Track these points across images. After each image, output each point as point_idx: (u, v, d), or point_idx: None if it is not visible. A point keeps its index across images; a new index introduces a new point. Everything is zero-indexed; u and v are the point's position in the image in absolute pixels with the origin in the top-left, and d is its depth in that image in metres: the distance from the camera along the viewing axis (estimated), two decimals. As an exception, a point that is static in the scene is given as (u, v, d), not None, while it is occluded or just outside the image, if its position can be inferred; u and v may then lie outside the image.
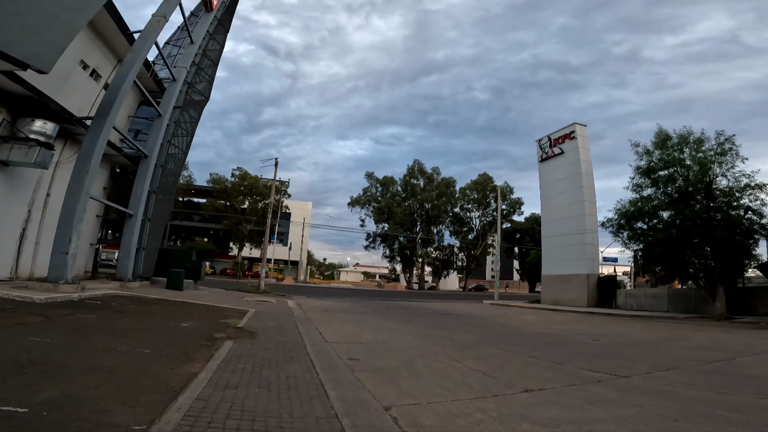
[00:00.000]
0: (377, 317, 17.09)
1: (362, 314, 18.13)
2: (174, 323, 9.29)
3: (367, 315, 17.87)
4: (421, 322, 15.98)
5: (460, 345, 10.24)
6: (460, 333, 12.79)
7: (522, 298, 42.64)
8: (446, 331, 13.22)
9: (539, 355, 8.88)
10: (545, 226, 32.60)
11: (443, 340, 11.03)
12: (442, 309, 24.63)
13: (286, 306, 18.52)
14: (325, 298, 29.53)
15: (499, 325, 16.11)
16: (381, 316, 17.93)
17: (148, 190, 18.56)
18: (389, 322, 15.18)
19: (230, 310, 13.49)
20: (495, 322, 17.08)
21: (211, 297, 17.42)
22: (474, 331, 13.60)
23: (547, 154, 32.97)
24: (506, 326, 15.55)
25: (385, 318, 16.87)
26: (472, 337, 11.83)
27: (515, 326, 15.57)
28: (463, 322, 17.00)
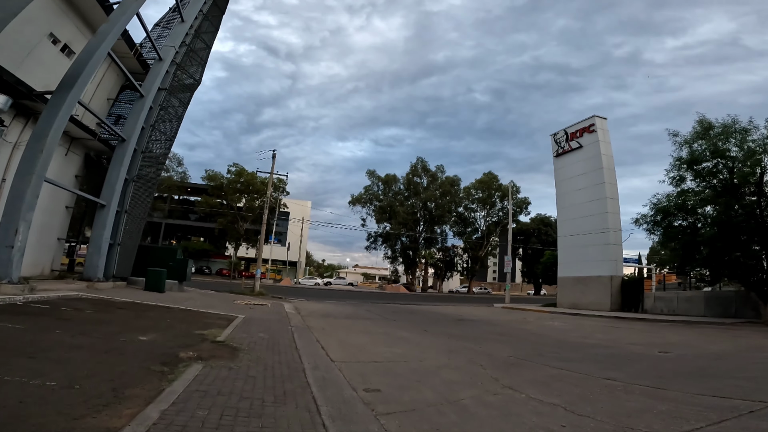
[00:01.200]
0: (386, 324, 14.88)
1: (368, 320, 15.92)
2: (130, 336, 7.06)
3: (374, 321, 15.65)
4: (437, 329, 13.77)
5: (501, 362, 8.04)
6: (491, 344, 10.58)
7: (530, 302, 40.46)
8: (472, 342, 11.01)
9: (619, 377, 6.67)
10: (561, 225, 30.43)
11: (476, 355, 8.83)
12: (453, 313, 22.42)
13: (282, 311, 16.28)
14: (325, 300, 27.30)
15: (528, 333, 13.88)
16: (389, 322, 15.73)
17: (126, 179, 16.33)
18: (402, 330, 12.97)
19: (214, 317, 11.24)
20: (522, 330, 14.86)
21: (195, 300, 15.17)
22: (505, 341, 11.39)
23: (564, 148, 30.84)
24: (539, 335, 13.32)
25: (396, 325, 14.66)
26: (509, 351, 9.62)
27: (549, 335, 13.34)
28: (484, 329, 14.79)
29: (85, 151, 17.61)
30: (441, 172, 59.40)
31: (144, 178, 17.86)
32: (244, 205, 52.11)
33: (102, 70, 20.45)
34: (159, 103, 20.20)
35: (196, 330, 8.49)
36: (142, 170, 17.94)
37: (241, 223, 51.92)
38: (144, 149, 18.11)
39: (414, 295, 48.99)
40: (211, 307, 13.82)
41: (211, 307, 13.82)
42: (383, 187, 59.76)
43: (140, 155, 17.70)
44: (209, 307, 13.73)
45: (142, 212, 17.39)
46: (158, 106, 20.10)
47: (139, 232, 16.99)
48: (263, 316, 13.29)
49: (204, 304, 14.16)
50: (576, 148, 29.81)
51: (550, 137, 32.44)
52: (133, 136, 17.06)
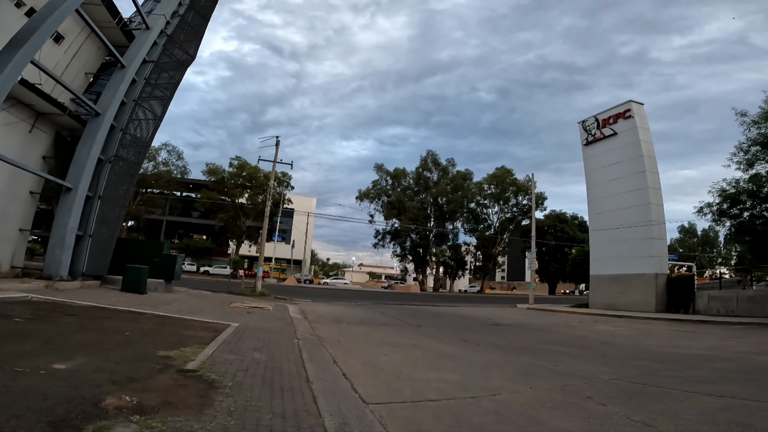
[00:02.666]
0: (411, 331, 12.23)
1: (388, 327, 13.28)
2: (42, 362, 4.45)
3: (396, 328, 12.99)
4: (477, 338, 11.10)
5: (614, 390, 5.39)
6: (569, 361, 7.88)
7: (552, 301, 37.56)
8: (538, 357, 8.32)
9: None
10: (593, 219, 27.64)
11: (565, 379, 6.19)
12: (480, 316, 19.73)
13: (286, 315, 13.65)
14: (333, 302, 24.67)
15: (593, 342, 11.10)
16: (414, 329, 13.08)
17: (100, 159, 13.74)
18: (435, 340, 10.31)
19: (197, 327, 8.62)
20: (581, 337, 12.10)
21: (181, 303, 12.56)
22: (579, 355, 8.67)
23: (595, 136, 28.08)
24: (613, 345, 10.52)
25: (423, 332, 12.01)
26: (602, 370, 6.96)
27: (625, 344, 10.54)
28: (534, 337, 12.09)
29: (56, 130, 15.03)
30: (452, 165, 56.55)
31: (124, 160, 15.28)
32: (246, 201, 49.48)
33: (80, 39, 17.90)
34: (144, 77, 17.65)
35: (162, 350, 5.85)
36: (123, 151, 15.37)
37: (243, 219, 49.33)
38: (124, 127, 15.53)
39: (426, 294, 46.27)
40: (198, 311, 11.20)
41: (198, 311, 11.20)
42: (392, 182, 56.97)
43: (119, 133, 15.12)
44: (196, 312, 11.11)
45: (121, 199, 14.80)
46: (143, 80, 17.54)
47: (117, 222, 14.40)
48: (262, 323, 10.65)
49: (190, 309, 11.54)
50: (609, 135, 27.07)
51: (578, 125, 29.72)
52: (110, 110, 14.52)
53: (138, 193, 47.12)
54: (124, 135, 15.53)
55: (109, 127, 14.48)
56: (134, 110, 16.65)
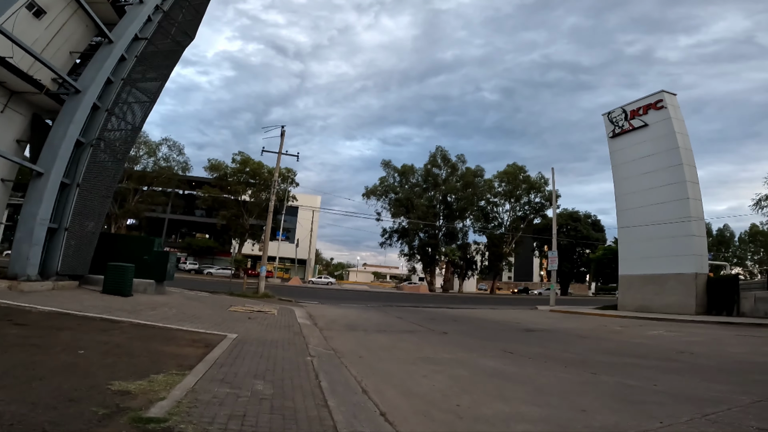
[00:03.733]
0: (440, 340, 10.43)
1: (411, 334, 11.48)
2: None
3: (421, 336, 11.17)
4: (524, 349, 9.25)
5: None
6: (667, 379, 6.01)
7: (571, 303, 35.54)
8: (621, 374, 6.45)
9: None
10: (622, 216, 25.70)
11: (694, 405, 4.33)
12: (506, 320, 17.88)
13: (293, 321, 11.86)
14: (342, 304, 22.89)
15: (667, 351, 9.19)
16: (441, 336, 11.29)
17: (80, 141, 11.98)
18: (477, 354, 8.49)
19: (182, 340, 6.85)
20: (644, 345, 10.19)
21: (171, 308, 10.79)
22: (672, 370, 6.77)
23: (622, 128, 26.24)
24: (700, 355, 8.60)
25: (454, 342, 10.21)
26: (736, 391, 5.09)
27: (709, 353, 8.64)
28: (588, 346, 10.22)
29: (33, 111, 13.30)
30: (462, 162, 54.55)
31: (110, 145, 13.52)
32: (250, 197, 47.70)
33: (65, 15, 16.18)
34: (135, 55, 15.90)
35: (120, 379, 4.05)
36: (109, 135, 13.62)
37: (246, 217, 47.59)
38: (110, 108, 13.79)
39: (435, 295, 44.39)
40: (190, 318, 9.42)
41: (190, 318, 9.42)
42: (400, 179, 55.07)
43: (104, 115, 13.37)
44: (187, 318, 9.33)
45: (105, 189, 13.03)
46: (134, 59, 15.79)
47: (100, 214, 12.63)
48: (266, 333, 8.86)
49: (181, 315, 9.76)
50: (639, 126, 25.22)
51: (603, 117, 27.92)
52: (92, 88, 12.80)
53: (137, 191, 45.53)
54: (109, 117, 13.78)
55: (90, 107, 12.74)
56: (123, 91, 14.91)
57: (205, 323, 8.97)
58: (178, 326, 7.96)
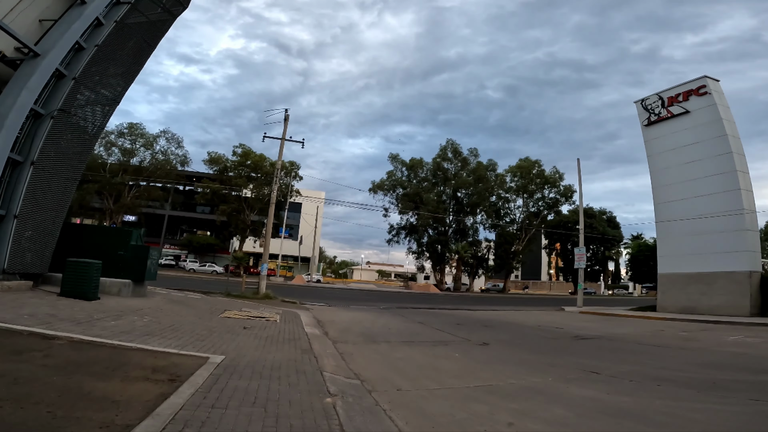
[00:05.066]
0: (488, 356, 8.14)
1: (446, 346, 9.21)
2: None
3: (458, 348, 8.89)
4: (607, 367, 6.93)
5: None
6: None
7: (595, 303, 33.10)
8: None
9: None
10: (660, 209, 23.34)
11: None
12: (543, 324, 15.53)
13: (299, 330, 9.59)
14: (352, 306, 20.64)
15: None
16: (483, 350, 9.03)
17: (36, 111, 9.73)
18: (557, 378, 6.19)
19: (134, 371, 4.58)
20: (749, 357, 7.84)
21: (143, 317, 8.52)
22: None
23: (659, 115, 23.96)
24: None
25: (506, 357, 7.93)
26: None
27: None
28: (681, 359, 7.87)
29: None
30: (474, 156, 52.03)
31: (77, 119, 11.26)
32: (251, 191, 45.37)
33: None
34: (115, 20, 13.63)
35: None
36: (78, 110, 11.38)
37: (247, 213, 45.33)
38: (78, 76, 11.54)
39: (447, 295, 42.03)
40: (163, 331, 7.16)
41: (163, 331, 7.16)
42: (408, 174, 52.61)
43: (70, 83, 11.12)
44: (160, 331, 7.07)
45: (70, 170, 10.77)
46: (113, 23, 13.51)
47: (63, 200, 10.35)
48: (265, 351, 6.58)
49: (152, 326, 7.49)
50: (680, 113, 22.93)
51: (636, 104, 25.62)
52: (55, 51, 10.59)
53: (133, 185, 43.41)
54: (78, 87, 11.53)
55: (51, 73, 10.51)
56: (98, 59, 12.64)
57: (183, 338, 6.71)
58: (141, 344, 5.69)
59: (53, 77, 11.19)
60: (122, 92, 13.93)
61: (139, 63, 15.15)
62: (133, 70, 14.54)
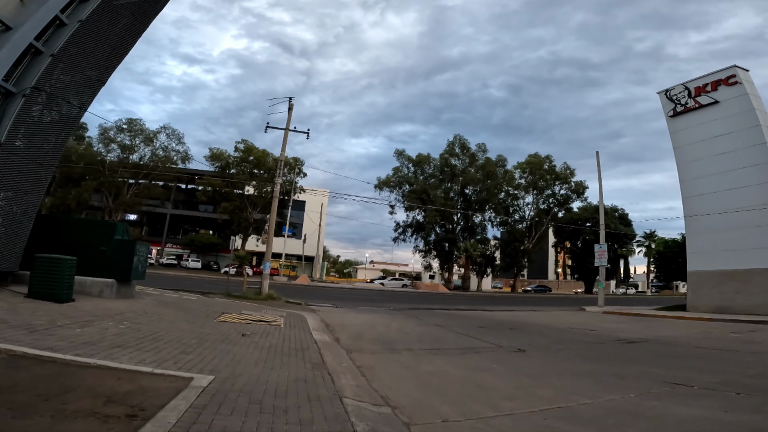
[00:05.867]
0: (533, 366, 6.78)
1: (477, 354, 7.90)
2: None
3: (494, 357, 7.54)
4: (690, 377, 5.53)
5: None
6: None
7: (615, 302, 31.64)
8: None
9: None
10: (689, 203, 21.96)
11: None
12: (575, 327, 14.12)
13: (306, 337, 8.26)
14: (361, 307, 19.34)
15: None
16: (522, 357, 7.72)
17: (3, 88, 8.44)
18: (635, 392, 4.80)
19: (82, 397, 3.24)
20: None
21: (120, 323, 7.23)
22: None
23: (686, 105, 22.68)
24: None
25: (555, 367, 6.57)
26: None
27: None
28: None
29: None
30: (483, 151, 50.55)
31: (55, 98, 9.97)
32: (254, 188, 44.07)
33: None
34: (102, -6, 12.33)
35: None
36: (54, 86, 10.09)
37: (250, 210, 44.08)
38: (56, 53, 10.26)
39: (457, 295, 40.64)
40: (140, 341, 5.84)
41: (140, 341, 5.84)
42: (414, 170, 51.19)
43: (48, 60, 9.85)
44: (135, 342, 5.76)
45: (46, 155, 9.48)
46: None
47: (37, 189, 9.04)
48: (266, 369, 5.25)
49: (128, 335, 6.19)
50: (708, 104, 21.67)
51: (660, 95, 24.32)
52: (29, 25, 9.40)
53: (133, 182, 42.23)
54: (56, 64, 10.24)
55: (24, 48, 9.23)
56: (79, 35, 11.33)
57: (164, 350, 5.39)
58: (104, 360, 4.38)
59: (28, 53, 9.94)
60: (108, 73, 12.64)
61: (129, 42, 13.83)
62: (122, 49, 13.23)
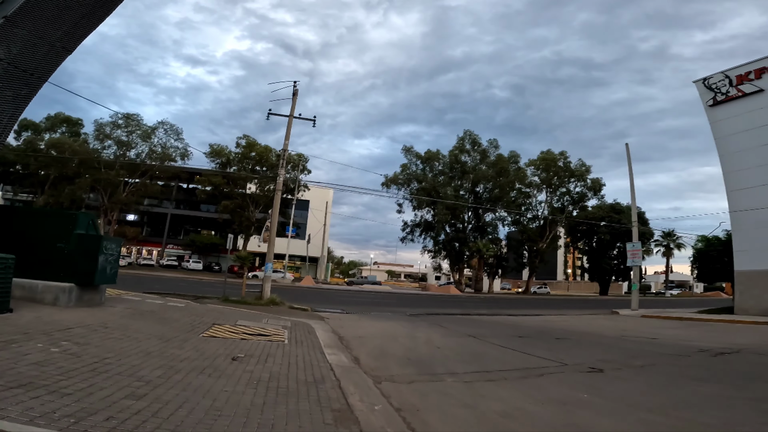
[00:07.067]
0: (632, 397, 4.67)
1: (542, 378, 5.83)
2: None
3: (568, 382, 5.47)
4: None
5: None
6: None
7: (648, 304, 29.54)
8: None
9: None
10: (734, 197, 19.93)
11: None
12: (625, 334, 12.07)
13: (318, 358, 6.25)
14: (373, 312, 17.37)
15: None
16: (605, 379, 5.59)
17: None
18: None
19: None
20: None
21: (52, 346, 5.24)
22: None
23: (727, 94, 20.80)
24: None
25: (685, 401, 4.45)
26: None
27: None
28: None
29: None
30: (494, 147, 48.38)
31: (8, 66, 8.09)
32: (256, 187, 42.17)
33: None
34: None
35: None
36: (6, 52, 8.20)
37: (252, 209, 42.16)
38: (10, 15, 8.35)
39: (470, 297, 38.56)
40: (74, 375, 3.86)
41: (74, 375, 3.86)
42: (423, 167, 49.04)
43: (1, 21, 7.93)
44: (56, 379, 3.77)
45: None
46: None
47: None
48: (262, 429, 3.19)
49: (50, 366, 4.23)
50: (752, 92, 19.80)
51: (697, 84, 22.33)
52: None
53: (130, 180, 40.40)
54: (10, 27, 8.33)
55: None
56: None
57: (98, 392, 3.42)
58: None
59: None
60: (81, 37, 10.74)
61: (106, 8, 11.95)
62: (96, 12, 11.34)
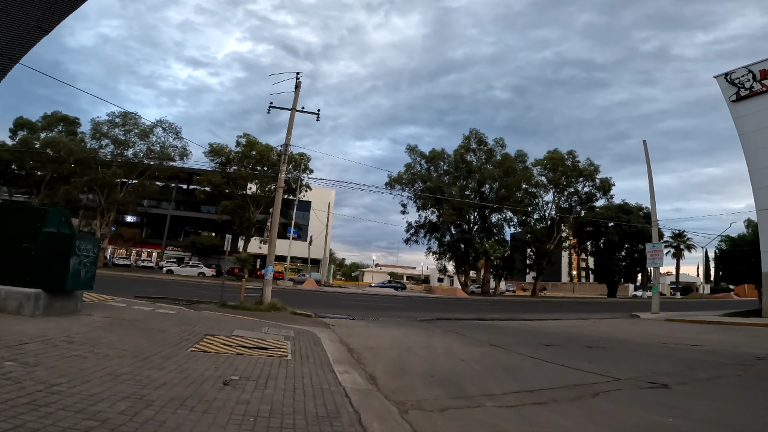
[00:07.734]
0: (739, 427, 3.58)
1: (603, 399, 4.66)
2: None
3: (627, 401, 4.33)
4: None
5: None
6: None
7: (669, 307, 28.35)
8: None
9: None
10: (761, 195, 18.92)
11: None
12: (663, 340, 10.95)
13: (327, 378, 5.13)
14: (381, 317, 16.26)
15: None
16: (677, 398, 4.41)
17: None
18: None
19: None
20: None
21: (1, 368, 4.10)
22: None
23: (751, 89, 19.91)
24: None
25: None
26: None
27: None
28: None
29: None
30: (501, 146, 47.18)
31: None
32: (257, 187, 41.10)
33: None
34: None
35: None
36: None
37: (252, 210, 41.10)
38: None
39: (478, 299, 37.38)
40: (2, 413, 2.71)
41: (2, 413, 2.71)
42: (427, 166, 47.89)
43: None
44: None
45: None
46: None
47: None
48: None
49: None
50: None
51: (719, 79, 21.45)
52: None
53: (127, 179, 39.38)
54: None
55: None
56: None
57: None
58: None
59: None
60: (58, 17, 9.70)
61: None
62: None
